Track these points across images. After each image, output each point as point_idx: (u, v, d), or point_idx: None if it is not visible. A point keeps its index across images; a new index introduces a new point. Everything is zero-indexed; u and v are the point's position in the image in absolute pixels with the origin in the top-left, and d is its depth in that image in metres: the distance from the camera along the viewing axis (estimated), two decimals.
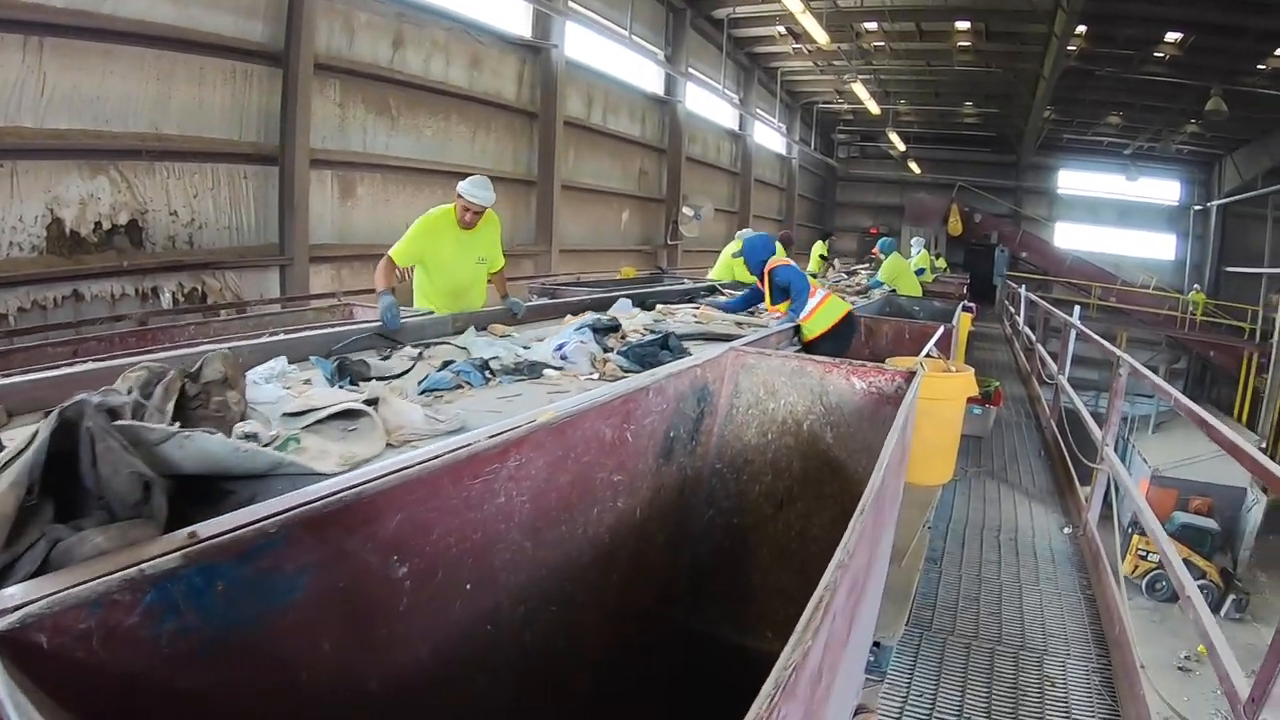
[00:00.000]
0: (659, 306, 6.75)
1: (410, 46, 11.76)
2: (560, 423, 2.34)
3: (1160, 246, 32.83)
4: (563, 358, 4.21)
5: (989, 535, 5.77)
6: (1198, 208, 31.17)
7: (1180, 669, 13.46)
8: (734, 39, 22.56)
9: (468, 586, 2.02)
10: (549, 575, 2.38)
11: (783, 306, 6.41)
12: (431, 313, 5.55)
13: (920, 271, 14.98)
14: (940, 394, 5.79)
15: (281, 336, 4.53)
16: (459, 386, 3.64)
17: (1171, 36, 18.35)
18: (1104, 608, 4.71)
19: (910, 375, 3.41)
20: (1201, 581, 16.28)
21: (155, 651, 1.27)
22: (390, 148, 11.57)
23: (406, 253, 5.67)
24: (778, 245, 7.07)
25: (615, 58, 16.98)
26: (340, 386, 3.38)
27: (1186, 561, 16.34)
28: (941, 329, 6.33)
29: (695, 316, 6.40)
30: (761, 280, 6.65)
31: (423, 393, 3.48)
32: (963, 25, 20.17)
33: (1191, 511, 18.35)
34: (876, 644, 3.63)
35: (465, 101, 13.04)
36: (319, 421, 2.71)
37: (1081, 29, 18.15)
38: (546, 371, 4.06)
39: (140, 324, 7.38)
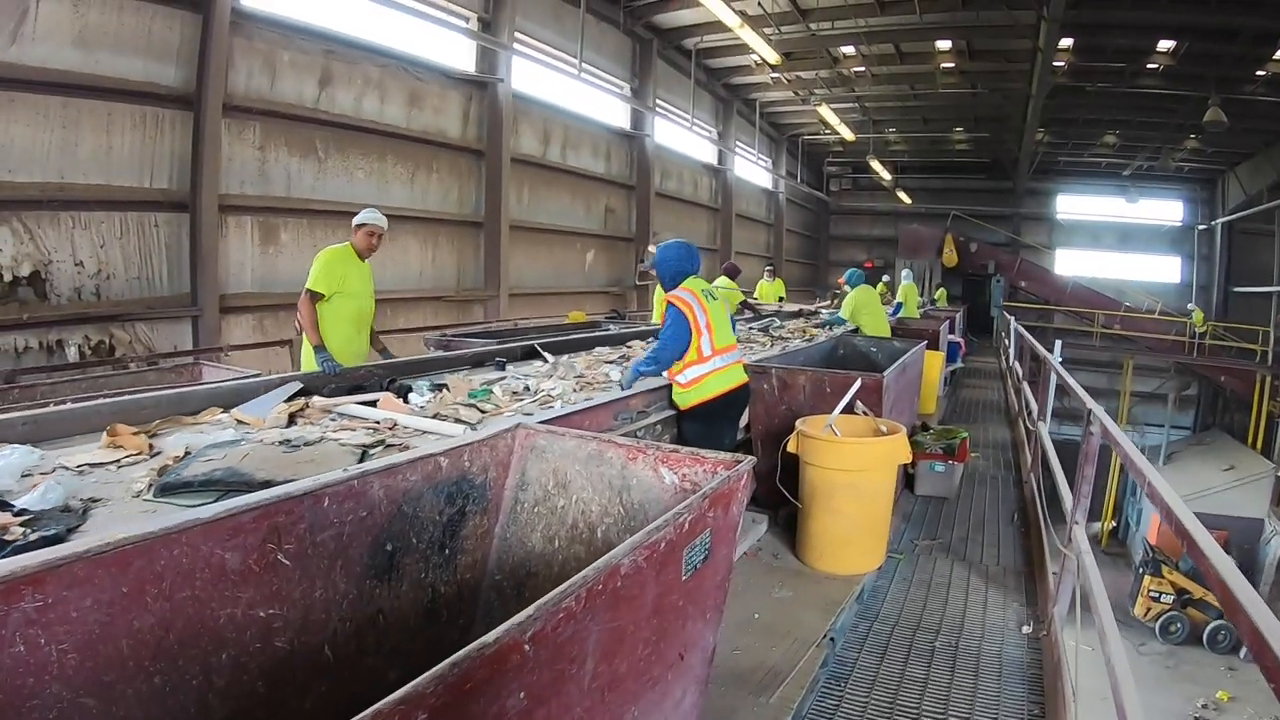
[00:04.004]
0: (315, 399, 4.44)
1: (339, 85, 11.19)
2: (116, 550, 1.79)
3: (1165, 269, 31.84)
4: None
5: (923, 639, 4.53)
6: (1202, 227, 30.23)
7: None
8: (708, 70, 21.92)
9: None
10: None
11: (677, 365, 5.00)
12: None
13: (898, 308, 13.95)
14: (857, 463, 4.79)
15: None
16: None
17: (1163, 45, 17.50)
18: None
19: (734, 464, 2.45)
20: (1219, 622, 15.25)
21: None
22: (317, 190, 10.98)
23: (326, 281, 5.78)
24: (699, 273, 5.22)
25: (575, 92, 16.15)
26: None
27: (1203, 601, 15.38)
28: (858, 381, 5.24)
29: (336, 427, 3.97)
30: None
31: None
32: (944, 45, 19.35)
33: None
34: None
35: (402, 140, 12.35)
36: None
37: (1068, 42, 17.39)
38: None
39: (5, 381, 6.86)
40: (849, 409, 5.18)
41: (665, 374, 4.97)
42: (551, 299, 15.78)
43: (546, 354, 6.55)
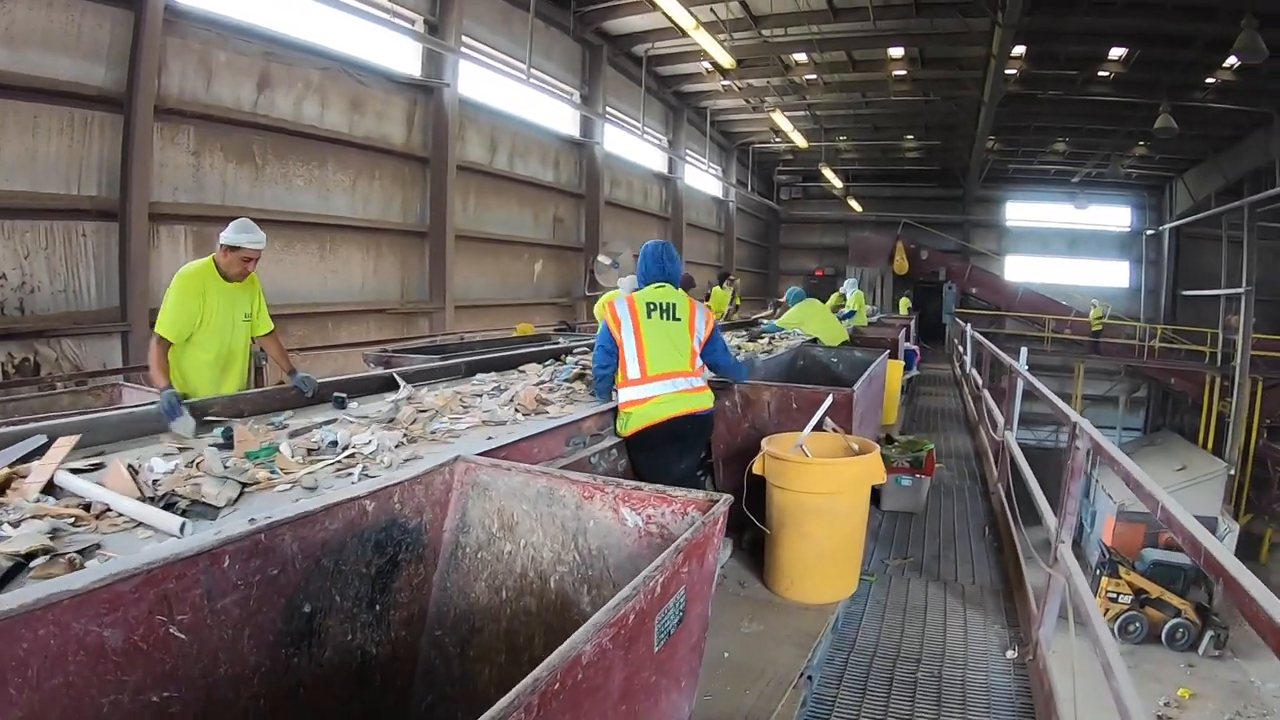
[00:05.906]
0: (34, 465, 2.93)
1: (279, 88, 10.74)
2: None
3: (1114, 274, 32.29)
4: None
5: (904, 669, 4.20)
6: (1150, 232, 30.65)
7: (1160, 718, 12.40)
8: (659, 77, 21.69)
9: None
10: None
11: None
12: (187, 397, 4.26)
13: (849, 315, 13.72)
14: (830, 486, 4.46)
15: None
16: None
17: (1116, 52, 17.67)
18: None
19: (709, 505, 2.13)
20: (1177, 619, 15.52)
21: None
22: (254, 199, 10.48)
23: (177, 322, 4.61)
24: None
25: (524, 98, 15.78)
26: None
27: (1160, 600, 15.45)
28: (830, 398, 4.93)
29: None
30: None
31: None
32: (896, 52, 19.35)
33: (1161, 546, 17.42)
34: None
35: (344, 147, 11.89)
36: None
37: (1020, 50, 17.44)
38: None
39: None
40: (819, 427, 4.87)
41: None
42: (499, 311, 15.37)
43: (403, 383, 5.15)
